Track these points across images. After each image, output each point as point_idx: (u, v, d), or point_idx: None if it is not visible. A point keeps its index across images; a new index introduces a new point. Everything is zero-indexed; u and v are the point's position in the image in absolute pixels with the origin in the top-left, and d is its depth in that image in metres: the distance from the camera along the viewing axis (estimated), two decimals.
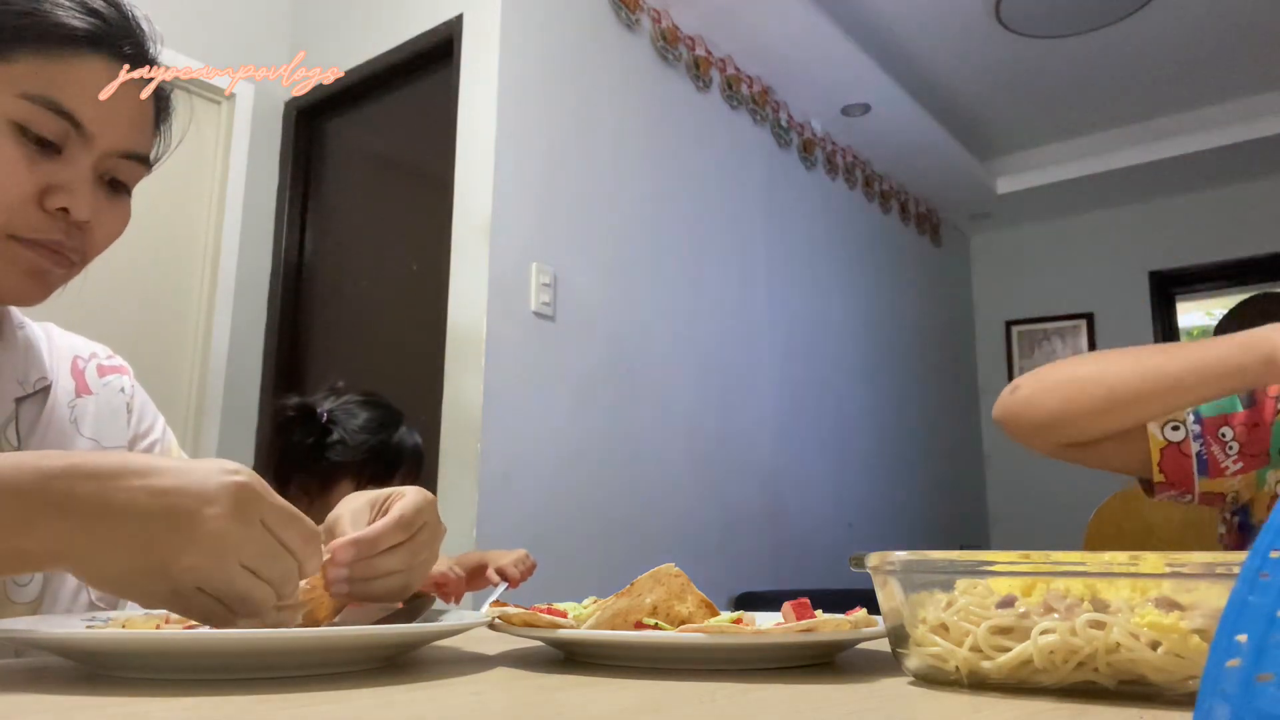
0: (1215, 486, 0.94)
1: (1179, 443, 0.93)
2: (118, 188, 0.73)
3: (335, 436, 1.46)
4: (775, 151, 3.64)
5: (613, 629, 0.59)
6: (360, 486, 1.38)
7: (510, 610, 0.63)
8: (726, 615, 0.62)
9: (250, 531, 0.51)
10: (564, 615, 0.63)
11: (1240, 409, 0.93)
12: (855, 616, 0.58)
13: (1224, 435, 0.92)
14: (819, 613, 0.61)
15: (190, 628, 0.62)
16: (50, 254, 0.69)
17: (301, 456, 1.45)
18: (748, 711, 0.44)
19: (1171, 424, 0.93)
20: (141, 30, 0.74)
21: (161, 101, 0.76)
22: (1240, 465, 0.92)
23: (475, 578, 1.56)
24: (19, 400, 0.77)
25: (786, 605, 0.61)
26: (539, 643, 0.72)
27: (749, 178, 3.46)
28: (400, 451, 1.52)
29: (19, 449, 0.74)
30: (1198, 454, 0.93)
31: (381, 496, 0.67)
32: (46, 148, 0.67)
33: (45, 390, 0.80)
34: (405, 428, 1.58)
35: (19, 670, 0.55)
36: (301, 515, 0.55)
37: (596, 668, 0.58)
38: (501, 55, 2.53)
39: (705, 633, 0.54)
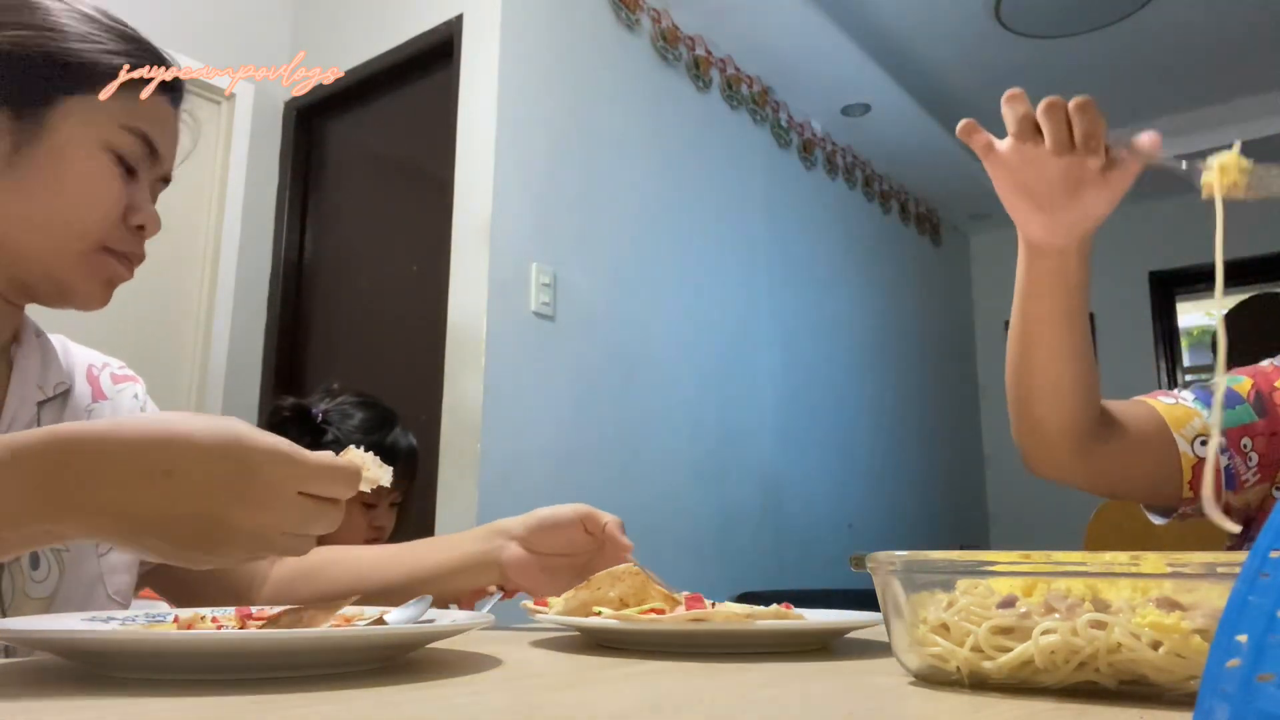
0: (1237, 501, 0.92)
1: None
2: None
3: (330, 437, 1.46)
4: (775, 151, 3.64)
5: (576, 614, 0.69)
6: None
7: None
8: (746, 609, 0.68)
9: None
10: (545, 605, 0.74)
11: (1256, 419, 0.91)
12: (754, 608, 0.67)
13: (1245, 446, 0.90)
14: (711, 604, 0.70)
15: (186, 628, 0.62)
16: (124, 263, 0.79)
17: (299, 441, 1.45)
18: (748, 712, 0.44)
19: (1199, 439, 0.91)
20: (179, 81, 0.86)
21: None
22: (1258, 477, 0.91)
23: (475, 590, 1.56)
24: (40, 404, 0.81)
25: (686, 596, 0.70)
26: (538, 643, 0.72)
27: (749, 178, 3.46)
28: (395, 452, 1.52)
29: None
30: (1226, 468, 0.90)
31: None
32: (129, 172, 0.77)
33: (65, 394, 0.84)
34: (400, 429, 1.58)
35: (19, 670, 0.54)
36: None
37: (596, 668, 0.58)
38: (501, 55, 2.53)
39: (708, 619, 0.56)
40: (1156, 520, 0.97)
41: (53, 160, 0.73)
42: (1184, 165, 0.74)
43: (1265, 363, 0.97)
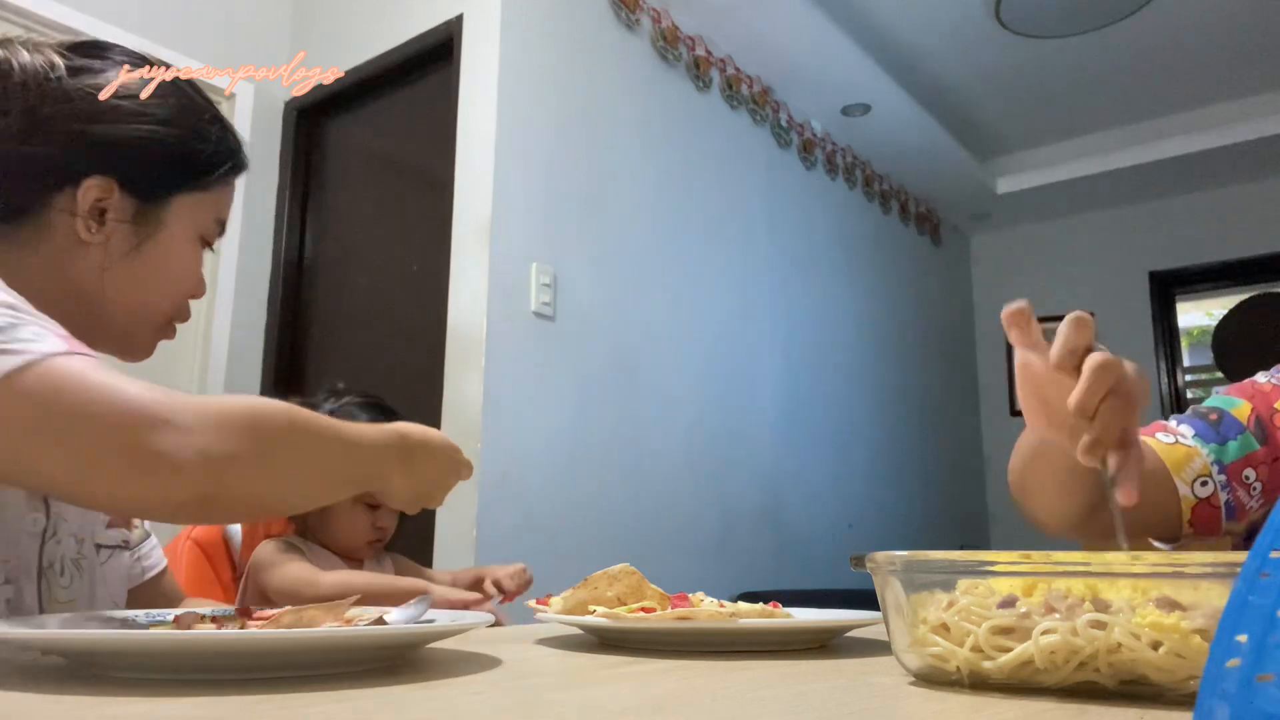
0: (1238, 528, 0.92)
1: (1208, 497, 0.90)
2: None
3: None
4: (775, 151, 3.64)
5: (574, 613, 0.71)
6: None
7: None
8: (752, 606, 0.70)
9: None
10: (547, 603, 0.75)
11: (1258, 447, 0.90)
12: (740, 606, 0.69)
13: (1248, 477, 0.90)
14: (702, 597, 0.75)
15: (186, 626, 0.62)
16: (169, 330, 0.88)
17: None
18: (748, 712, 0.44)
19: (1200, 480, 0.90)
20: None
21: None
22: (1263, 506, 0.90)
23: (473, 588, 1.56)
24: None
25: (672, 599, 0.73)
26: (539, 643, 0.72)
27: (749, 178, 3.46)
28: None
29: None
30: (1226, 503, 0.90)
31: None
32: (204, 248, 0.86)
33: None
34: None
35: (19, 670, 0.54)
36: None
37: (596, 667, 0.58)
38: (501, 55, 2.53)
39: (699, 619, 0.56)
40: (1161, 547, 0.97)
41: (163, 253, 0.81)
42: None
43: (1261, 378, 0.96)
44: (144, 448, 0.56)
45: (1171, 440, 0.93)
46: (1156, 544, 0.97)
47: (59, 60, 0.76)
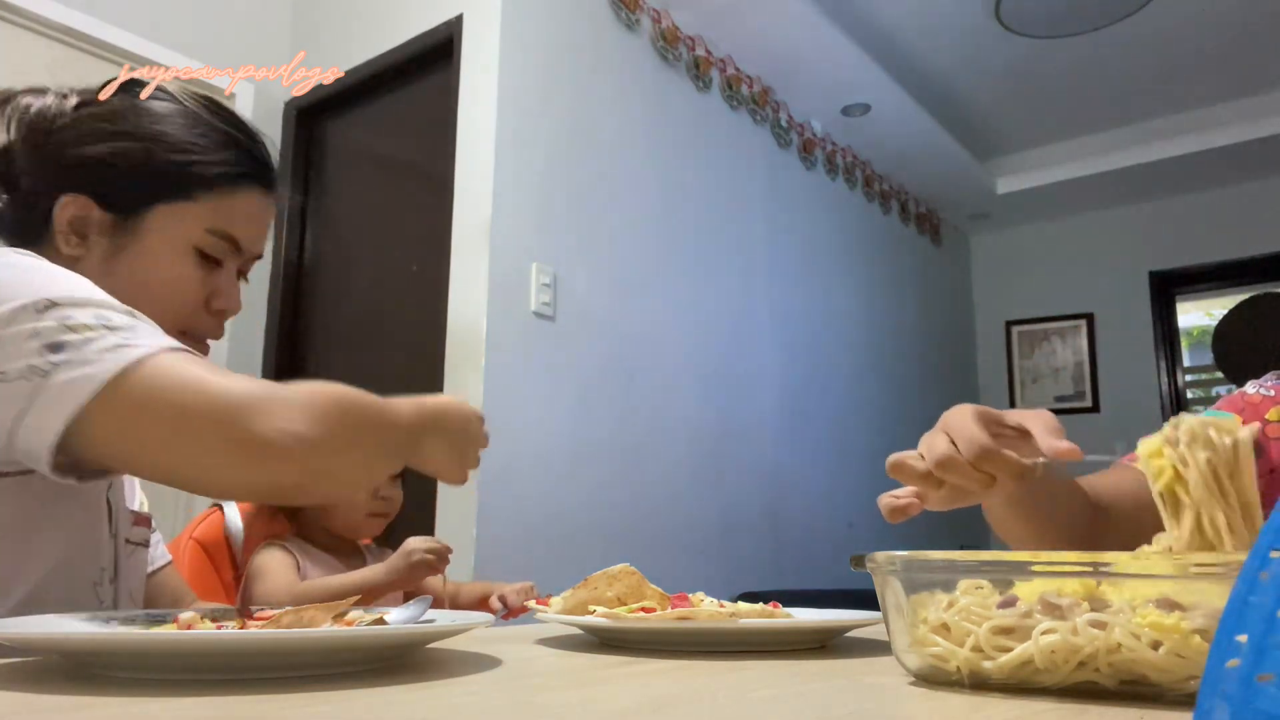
0: None
1: None
2: (241, 276, 0.92)
3: None
4: (775, 151, 3.64)
5: (574, 613, 0.72)
6: None
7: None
8: (753, 606, 0.71)
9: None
10: (546, 604, 0.77)
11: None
12: (739, 606, 0.69)
13: None
14: (702, 597, 0.75)
15: (184, 627, 0.62)
16: (203, 344, 0.87)
17: None
18: (749, 712, 0.44)
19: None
20: (272, 158, 0.93)
21: (277, 212, 0.94)
22: (1263, 514, 0.90)
23: (479, 607, 1.56)
24: None
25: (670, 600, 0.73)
26: (539, 643, 0.72)
27: (749, 178, 3.46)
28: None
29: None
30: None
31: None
32: (211, 262, 0.85)
33: None
34: None
35: (19, 670, 0.54)
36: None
37: (596, 667, 0.58)
38: (501, 55, 2.53)
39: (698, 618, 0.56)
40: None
41: (142, 262, 0.81)
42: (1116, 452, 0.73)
43: (1250, 389, 0.94)
44: (253, 437, 0.61)
45: None
46: None
47: (67, 107, 0.82)
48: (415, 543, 1.43)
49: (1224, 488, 0.52)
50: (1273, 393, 0.92)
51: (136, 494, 0.98)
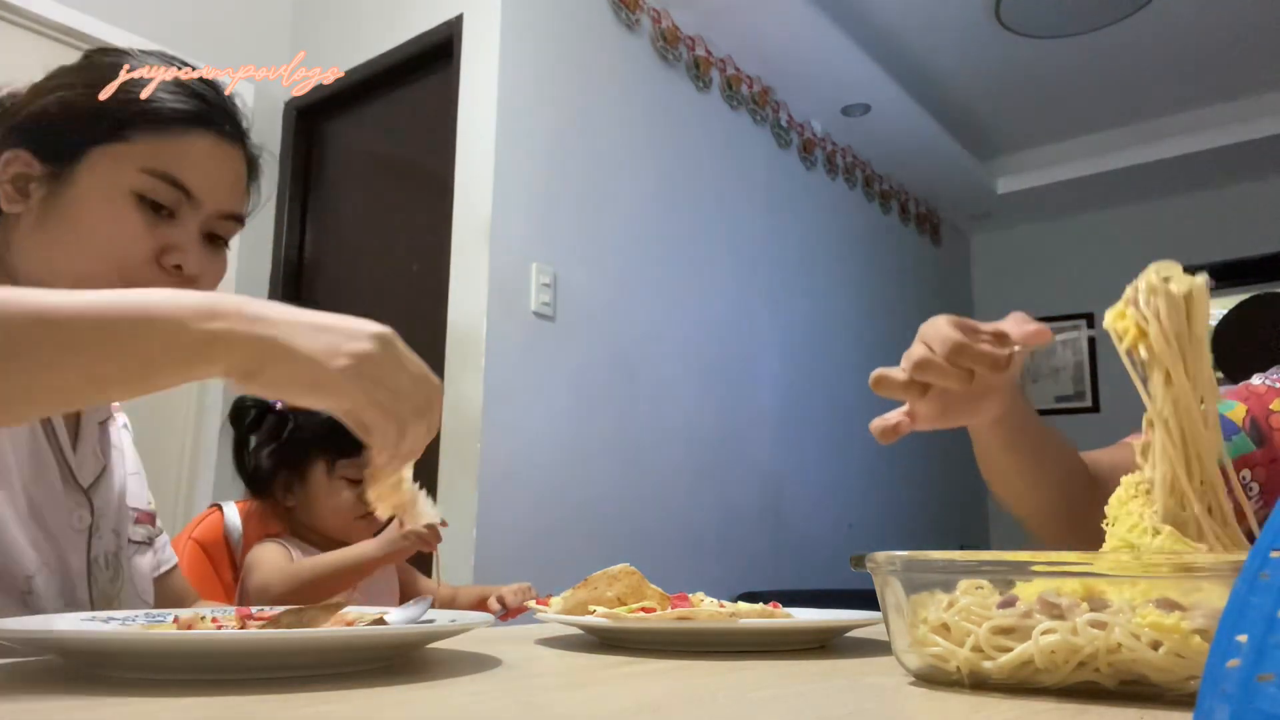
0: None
1: None
2: (216, 241, 0.84)
3: (292, 423, 1.43)
4: (775, 151, 3.64)
5: (574, 613, 0.71)
6: (332, 466, 1.38)
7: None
8: (753, 606, 0.71)
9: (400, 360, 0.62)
10: (546, 604, 0.76)
11: (1254, 448, 0.89)
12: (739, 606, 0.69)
13: (1244, 478, 0.88)
14: (702, 597, 0.75)
15: (183, 627, 0.62)
16: None
17: (266, 446, 1.43)
18: (749, 712, 0.44)
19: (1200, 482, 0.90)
20: (235, 107, 0.85)
21: (253, 164, 0.87)
22: (1261, 504, 0.89)
23: (477, 609, 1.56)
24: (100, 422, 0.90)
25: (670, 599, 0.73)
26: (539, 643, 0.72)
27: (749, 178, 3.46)
28: None
29: (107, 466, 0.88)
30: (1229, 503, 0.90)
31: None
32: (161, 212, 0.78)
33: (110, 416, 0.94)
34: None
35: (19, 670, 0.54)
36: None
37: (596, 668, 0.58)
38: (501, 55, 2.53)
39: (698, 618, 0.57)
40: None
41: (75, 210, 0.76)
42: (1085, 330, 0.74)
43: (1257, 380, 0.95)
44: None
45: None
46: None
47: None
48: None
49: (1184, 338, 0.55)
50: (1279, 385, 0.93)
51: (144, 491, 0.98)
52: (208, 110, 0.81)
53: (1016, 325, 0.72)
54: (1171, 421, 0.57)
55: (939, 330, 0.73)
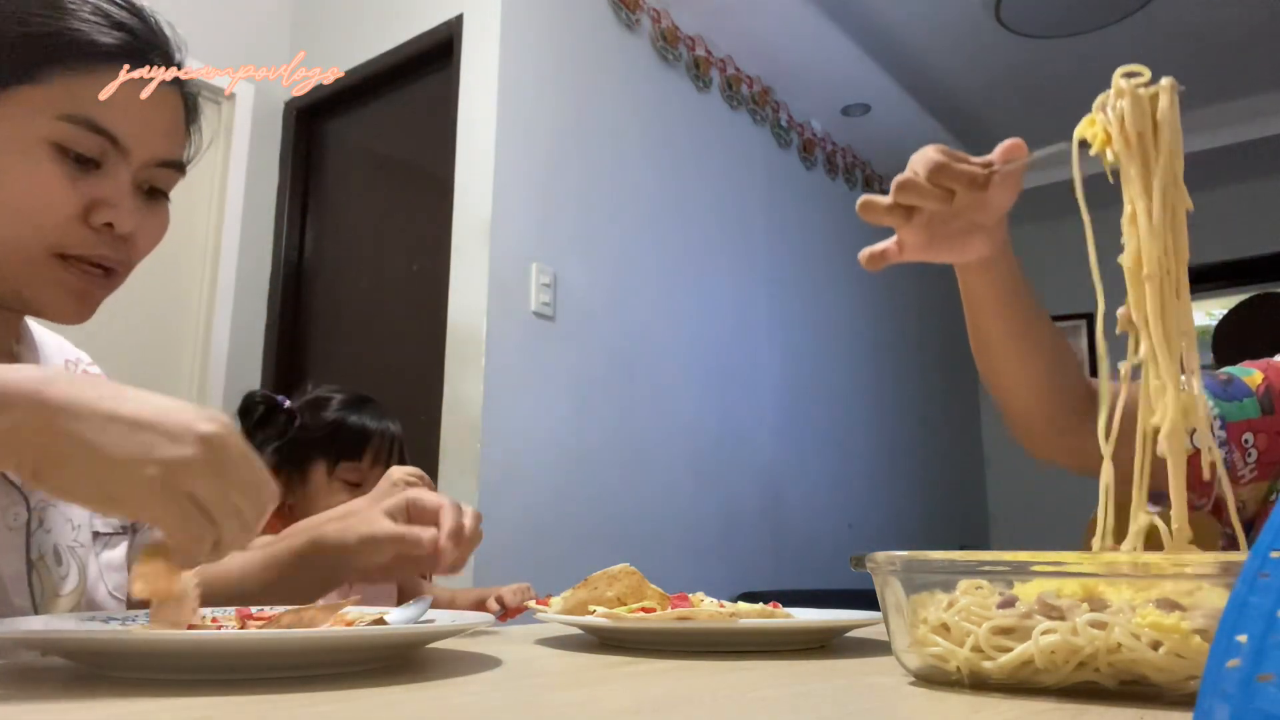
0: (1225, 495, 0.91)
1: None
2: (155, 194, 0.75)
3: (299, 421, 1.46)
4: (775, 151, 3.64)
5: (574, 613, 0.71)
6: (333, 467, 1.38)
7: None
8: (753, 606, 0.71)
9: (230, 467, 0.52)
10: (546, 604, 0.75)
11: (1260, 414, 0.89)
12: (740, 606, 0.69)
13: (1246, 441, 0.88)
14: (702, 597, 0.75)
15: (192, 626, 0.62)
16: (93, 273, 0.71)
17: (271, 443, 1.44)
18: (748, 712, 0.44)
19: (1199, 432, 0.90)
20: (167, 38, 0.75)
21: (189, 105, 0.77)
22: (1255, 474, 0.89)
23: (477, 610, 1.56)
24: None
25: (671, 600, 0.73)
26: (539, 643, 0.72)
27: (749, 178, 3.46)
28: (364, 432, 1.51)
29: None
30: (1223, 460, 0.88)
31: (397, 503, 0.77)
32: (86, 164, 0.69)
33: None
34: (373, 412, 1.57)
35: (19, 670, 0.54)
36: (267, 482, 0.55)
37: (596, 668, 0.58)
38: (501, 55, 2.53)
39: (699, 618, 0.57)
40: (1152, 509, 0.96)
41: None
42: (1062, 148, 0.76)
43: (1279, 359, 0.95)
44: None
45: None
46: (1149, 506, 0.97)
47: None
48: (397, 472, 1.46)
49: (1147, 138, 0.57)
50: None
51: None
52: (133, 43, 0.71)
53: (998, 149, 0.75)
54: (1141, 214, 0.59)
55: (923, 154, 0.76)
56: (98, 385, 0.52)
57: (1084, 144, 0.65)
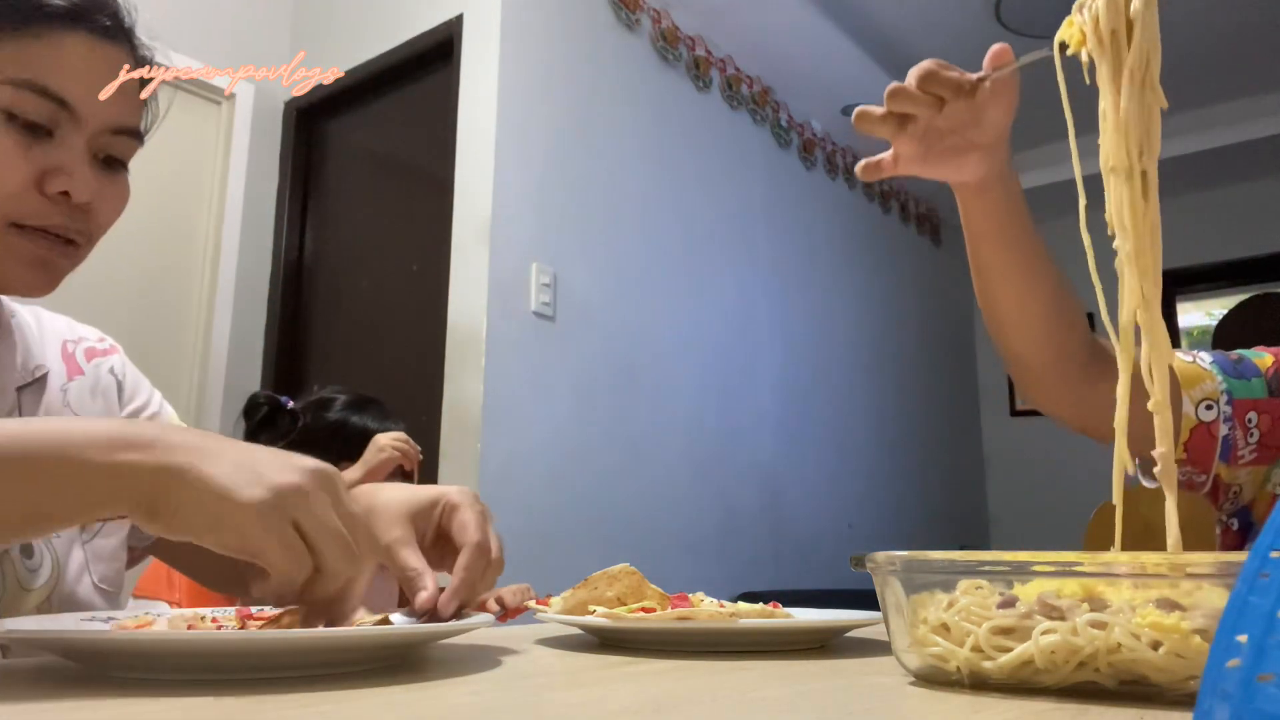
0: (1226, 475, 0.90)
1: (1209, 423, 0.88)
2: (114, 164, 0.73)
3: (302, 422, 1.49)
4: (775, 151, 3.64)
5: (574, 614, 0.71)
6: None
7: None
8: (754, 607, 0.71)
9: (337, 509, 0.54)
10: (546, 604, 0.75)
11: (1267, 395, 0.89)
12: (739, 607, 0.69)
13: (1250, 420, 0.88)
14: (702, 597, 0.75)
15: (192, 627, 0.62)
16: (53, 242, 0.69)
17: (274, 444, 1.45)
18: (749, 712, 0.44)
19: (1205, 403, 0.88)
20: (116, 1, 0.73)
21: (144, 67, 0.76)
22: (1254, 456, 0.88)
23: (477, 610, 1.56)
24: (20, 389, 0.77)
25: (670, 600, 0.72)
26: (539, 643, 0.72)
27: (749, 178, 3.46)
28: (367, 433, 1.52)
29: None
30: (1224, 437, 0.88)
31: (425, 504, 0.70)
32: (38, 132, 0.67)
33: (43, 378, 0.80)
34: (375, 415, 1.58)
35: (19, 670, 0.54)
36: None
37: (596, 668, 0.58)
38: (501, 55, 2.53)
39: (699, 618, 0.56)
40: (1148, 484, 0.96)
41: None
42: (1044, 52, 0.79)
43: None
44: None
45: (1190, 359, 0.91)
46: (1144, 479, 0.96)
47: None
48: (383, 439, 1.47)
49: (1120, 35, 0.59)
50: None
51: None
52: (81, 4, 0.69)
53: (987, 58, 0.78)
54: (1109, 110, 0.61)
55: (916, 65, 0.79)
56: (209, 434, 0.54)
57: (1064, 46, 0.66)
